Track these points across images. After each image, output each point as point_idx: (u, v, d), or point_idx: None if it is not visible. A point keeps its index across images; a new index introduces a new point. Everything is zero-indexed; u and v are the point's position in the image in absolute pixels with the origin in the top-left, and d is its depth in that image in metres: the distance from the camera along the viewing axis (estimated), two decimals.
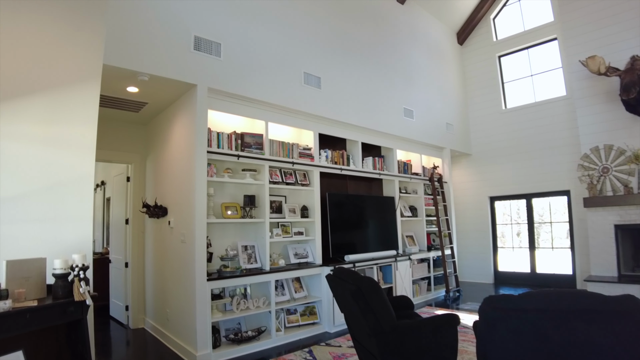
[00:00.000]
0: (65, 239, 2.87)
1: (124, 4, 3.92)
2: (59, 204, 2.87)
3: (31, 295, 2.42)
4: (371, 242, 6.27)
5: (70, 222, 2.91)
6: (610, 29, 6.78)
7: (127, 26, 3.92)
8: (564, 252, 7.82)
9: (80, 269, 2.48)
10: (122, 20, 3.89)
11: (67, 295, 2.44)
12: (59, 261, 2.46)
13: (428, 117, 7.88)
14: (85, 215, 2.99)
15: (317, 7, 5.98)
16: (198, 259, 4.17)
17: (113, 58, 3.76)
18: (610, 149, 6.56)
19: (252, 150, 4.81)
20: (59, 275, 2.45)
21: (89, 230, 3.01)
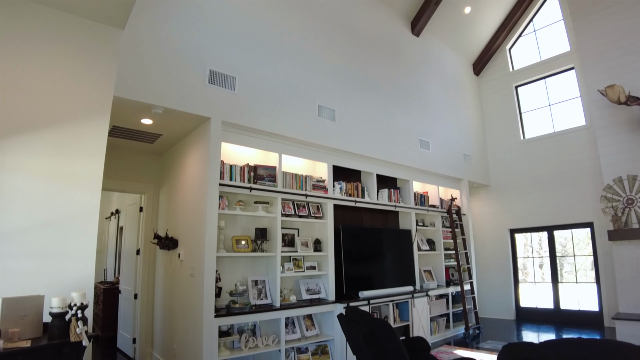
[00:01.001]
0: (67, 275, 2.79)
1: (140, 38, 3.97)
2: (61, 239, 2.81)
3: (26, 335, 2.32)
4: (387, 277, 6.07)
5: (73, 258, 2.84)
6: (628, 58, 6.68)
7: (143, 60, 3.95)
8: (589, 286, 7.46)
9: (79, 308, 2.37)
10: (138, 54, 3.93)
11: (63, 335, 2.33)
12: (56, 299, 2.37)
13: (445, 148, 7.75)
14: (88, 251, 2.91)
15: (331, 40, 6.01)
16: (206, 294, 4.04)
17: (127, 91, 3.78)
18: (635, 180, 6.34)
19: (264, 183, 4.74)
20: (55, 314, 2.35)
21: (92, 266, 2.93)
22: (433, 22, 7.90)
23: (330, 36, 6.01)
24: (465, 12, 8.24)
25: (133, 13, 3.87)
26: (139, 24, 3.98)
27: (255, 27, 5.00)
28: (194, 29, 4.40)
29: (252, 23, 4.98)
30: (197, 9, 4.47)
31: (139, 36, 3.96)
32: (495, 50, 9.22)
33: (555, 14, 8.53)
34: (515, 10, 8.75)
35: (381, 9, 7.14)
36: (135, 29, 3.94)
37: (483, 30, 8.87)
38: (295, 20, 5.57)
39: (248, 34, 4.89)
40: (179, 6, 4.32)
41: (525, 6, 8.71)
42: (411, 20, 7.72)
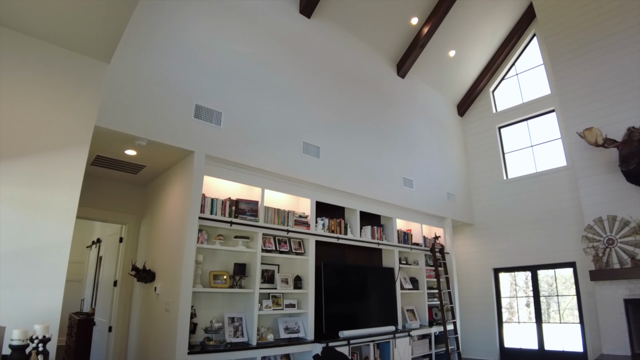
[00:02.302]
0: (34, 307, 2.71)
1: (128, 71, 4.04)
2: (31, 269, 2.75)
3: None
4: (369, 316, 5.98)
5: (41, 290, 2.77)
6: (604, 102, 6.92)
7: (129, 92, 4.00)
8: (573, 327, 7.40)
9: (40, 341, 2.31)
10: (124, 86, 3.98)
11: None
12: (17, 332, 2.29)
13: (429, 186, 7.83)
14: (57, 283, 2.85)
15: (318, 78, 6.15)
16: (180, 330, 3.94)
17: (112, 122, 3.82)
18: (614, 220, 6.44)
19: (246, 217, 4.72)
20: (15, 346, 2.27)
21: (59, 298, 2.86)
22: (418, 65, 8.14)
23: (317, 74, 6.15)
24: (449, 55, 8.51)
25: (122, 46, 3.95)
26: (127, 57, 4.05)
27: (243, 63, 5.12)
28: (182, 64, 4.48)
29: (240, 59, 5.10)
30: (186, 45, 4.58)
31: (126, 69, 4.03)
32: (479, 92, 9.48)
33: (536, 59, 8.84)
34: (498, 54, 9.06)
35: (368, 51, 7.35)
36: (123, 62, 4.00)
37: (467, 73, 9.14)
38: (284, 58, 5.71)
39: (236, 70, 5.00)
40: (168, 41, 4.42)
41: (507, 50, 9.03)
42: (397, 62, 7.96)
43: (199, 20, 4.79)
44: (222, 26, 5.03)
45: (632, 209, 6.31)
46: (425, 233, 7.66)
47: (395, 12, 7.22)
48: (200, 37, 4.74)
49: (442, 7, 7.43)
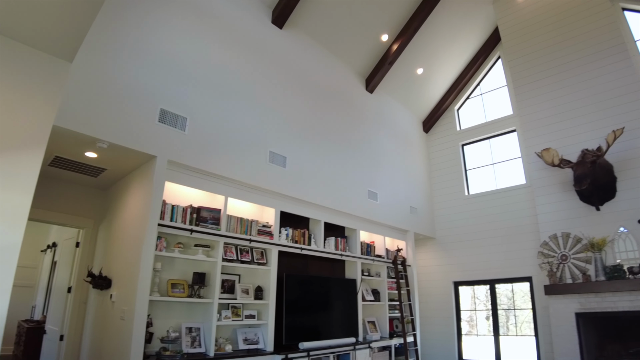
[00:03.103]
0: None
1: (92, 71, 3.96)
2: None
3: None
4: (329, 328, 5.99)
5: None
6: (562, 124, 7.24)
7: (92, 93, 3.91)
8: (529, 339, 7.63)
9: None
10: (87, 86, 3.89)
11: None
12: None
13: (392, 199, 7.95)
14: (3, 288, 2.73)
15: (287, 90, 6.19)
16: (135, 339, 3.83)
17: (73, 123, 3.72)
18: (568, 237, 6.71)
19: (207, 225, 4.66)
20: None
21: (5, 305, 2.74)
22: (387, 81, 8.32)
23: (286, 85, 6.19)
24: (417, 73, 8.73)
25: (87, 46, 3.87)
26: (92, 57, 3.97)
27: (212, 70, 5.10)
28: (149, 67, 4.43)
29: (209, 66, 5.08)
30: (154, 48, 4.52)
31: (90, 69, 3.94)
32: (444, 110, 9.75)
33: (500, 80, 9.18)
34: (464, 74, 9.36)
35: (338, 64, 7.46)
36: (88, 62, 3.92)
37: (433, 91, 9.40)
38: (254, 67, 5.72)
39: (204, 76, 4.97)
40: (136, 44, 4.36)
41: (473, 71, 9.34)
42: (366, 78, 8.11)
43: (169, 25, 4.75)
44: (192, 31, 5.00)
45: (584, 227, 6.61)
46: (388, 245, 7.77)
47: (366, 28, 7.37)
48: (169, 42, 4.70)
49: (412, 25, 7.64)
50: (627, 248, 6.23)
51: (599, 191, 6.50)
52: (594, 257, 6.30)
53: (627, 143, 6.50)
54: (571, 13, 7.62)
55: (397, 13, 7.47)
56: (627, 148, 6.51)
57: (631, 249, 6.18)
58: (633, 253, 6.14)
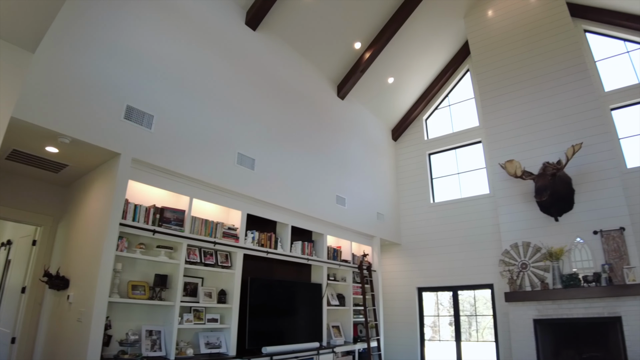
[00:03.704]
0: None
1: (56, 63, 3.82)
2: None
3: None
4: (294, 332, 5.97)
5: None
6: (525, 138, 7.54)
7: (55, 86, 3.78)
8: (489, 345, 7.81)
9: None
10: (51, 78, 3.76)
11: None
12: None
13: (360, 205, 8.03)
14: None
15: (258, 92, 6.18)
16: (92, 342, 3.70)
17: (33, 115, 3.58)
18: (528, 246, 6.96)
19: (171, 226, 4.57)
20: None
21: None
22: (358, 88, 8.41)
23: (257, 87, 6.17)
24: (388, 82, 8.88)
25: (52, 37, 3.74)
26: (57, 49, 3.83)
27: (182, 68, 5.03)
28: (117, 63, 4.31)
29: (180, 64, 5.00)
30: (123, 43, 4.41)
31: (54, 61, 3.80)
32: (413, 119, 9.94)
33: (468, 92, 9.44)
34: (433, 85, 9.58)
35: (311, 69, 7.50)
36: (52, 54, 3.78)
37: (403, 100, 9.57)
38: (225, 67, 5.67)
39: (173, 75, 4.89)
40: (104, 38, 4.24)
41: (442, 82, 9.58)
42: (338, 84, 8.19)
43: (140, 20, 4.65)
44: (164, 28, 4.92)
45: (543, 236, 6.88)
46: (354, 250, 7.82)
47: (340, 35, 7.44)
48: (139, 37, 4.60)
49: (384, 35, 7.76)
50: (582, 258, 6.52)
51: (558, 203, 6.78)
52: (552, 266, 6.55)
53: (585, 157, 6.80)
54: (537, 31, 7.95)
55: (371, 22, 7.58)
56: (585, 162, 6.82)
57: (586, 258, 6.47)
58: (588, 262, 6.44)
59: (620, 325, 5.85)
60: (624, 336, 5.77)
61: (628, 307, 5.86)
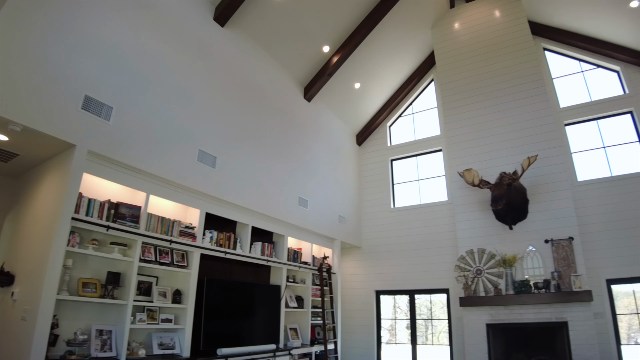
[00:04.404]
0: None
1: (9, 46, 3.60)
2: None
3: None
4: (251, 334, 5.90)
5: None
6: (484, 148, 7.81)
7: (7, 70, 3.56)
8: (444, 348, 7.99)
9: None
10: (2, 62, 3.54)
11: None
12: None
13: (322, 207, 8.05)
14: None
15: (223, 89, 6.09)
16: (37, 341, 3.51)
17: None
18: (483, 253, 7.18)
19: (125, 223, 4.42)
20: None
21: None
22: (325, 91, 8.46)
23: (222, 84, 6.08)
24: (355, 87, 8.97)
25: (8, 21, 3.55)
26: (12, 33, 3.62)
27: (145, 60, 4.88)
28: (77, 51, 4.13)
29: (143, 56, 4.85)
30: (84, 31, 4.23)
31: (8, 45, 3.59)
32: (377, 125, 10.09)
33: (431, 101, 9.66)
34: (398, 93, 9.76)
35: (278, 70, 7.47)
36: (6, 37, 3.58)
37: (369, 106, 9.69)
38: (190, 62, 5.56)
39: (136, 66, 4.74)
40: (64, 24, 4.05)
41: (407, 90, 9.78)
42: (305, 86, 8.20)
43: (103, 8, 4.47)
44: (128, 18, 4.76)
45: (498, 244, 7.14)
46: (314, 252, 7.83)
47: (309, 38, 7.45)
48: (102, 26, 4.43)
49: (353, 40, 7.83)
50: (534, 265, 6.80)
51: (513, 212, 7.04)
52: (505, 272, 6.79)
53: (539, 169, 7.10)
54: (500, 46, 8.28)
55: (340, 26, 7.63)
56: (539, 174, 7.11)
57: (537, 266, 6.76)
58: (539, 270, 6.73)
59: (566, 330, 6.15)
60: (570, 340, 6.08)
61: (574, 313, 6.16)
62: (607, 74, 7.97)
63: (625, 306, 6.74)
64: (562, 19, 8.00)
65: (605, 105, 7.67)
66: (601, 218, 7.02)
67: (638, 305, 6.66)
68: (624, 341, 6.46)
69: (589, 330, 6.02)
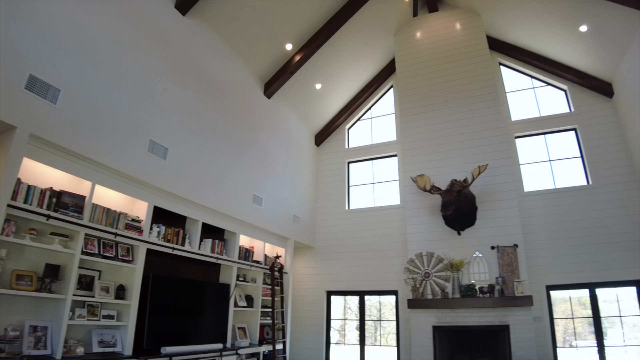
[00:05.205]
0: None
1: None
2: None
3: None
4: (197, 333, 5.73)
5: None
6: (436, 155, 8.07)
7: None
8: (391, 349, 8.11)
9: None
10: None
11: None
12: None
13: (277, 206, 7.98)
14: None
15: (180, 79, 5.89)
16: None
17: None
18: (432, 256, 7.39)
19: (68, 212, 4.17)
20: None
21: None
22: (285, 89, 8.41)
23: (179, 74, 5.88)
24: (316, 87, 8.98)
25: None
26: None
27: (97, 43, 4.62)
28: (23, 26, 3.84)
29: (94, 38, 4.59)
30: (32, 7, 3.95)
31: None
32: (336, 127, 10.15)
33: (390, 107, 9.83)
34: (359, 96, 9.85)
35: (238, 63, 7.34)
36: None
37: (329, 107, 9.73)
38: (146, 49, 5.33)
39: (87, 48, 4.48)
40: None
41: (367, 95, 9.91)
42: (265, 82, 8.11)
43: None
44: None
45: (446, 248, 7.36)
46: (267, 251, 7.74)
47: (273, 34, 7.37)
48: (54, 3, 4.15)
49: (316, 40, 7.83)
50: (480, 270, 7.05)
51: (462, 218, 7.28)
52: (452, 276, 7.00)
53: (489, 178, 7.38)
54: (459, 58, 8.58)
55: (305, 25, 7.61)
56: (488, 183, 7.39)
57: (483, 271, 7.02)
58: (484, 275, 6.99)
59: (508, 333, 6.42)
60: (511, 343, 6.34)
61: (516, 317, 6.45)
62: (555, 92, 8.43)
63: (562, 311, 7.13)
64: (518, 37, 8.39)
65: (552, 121, 8.11)
66: (544, 227, 7.40)
67: (574, 310, 7.08)
68: (559, 344, 6.85)
69: (529, 334, 6.32)
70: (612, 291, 6.94)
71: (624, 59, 7.00)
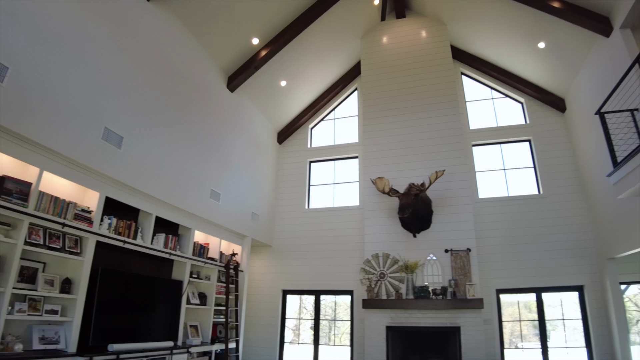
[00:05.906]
0: None
1: None
2: None
3: None
4: (147, 331, 5.52)
5: None
6: (396, 159, 8.22)
7: None
8: (345, 349, 8.15)
9: None
10: None
11: None
12: None
13: (235, 203, 7.83)
14: None
15: (139, 66, 5.66)
16: None
17: None
18: (387, 257, 7.51)
19: (11, 200, 3.90)
20: None
21: None
22: (250, 84, 8.28)
23: (138, 60, 5.65)
24: (281, 84, 8.90)
25: None
26: None
27: (52, 21, 4.32)
28: None
29: (49, 16, 4.29)
30: None
31: None
32: (299, 125, 10.12)
33: (353, 109, 9.91)
34: (323, 96, 9.87)
35: (202, 54, 7.17)
36: None
37: (293, 105, 9.68)
38: (105, 32, 5.07)
39: (41, 26, 4.18)
40: None
41: (332, 96, 9.94)
42: (229, 75, 7.96)
43: None
44: None
45: (402, 250, 7.51)
46: (223, 248, 7.60)
47: (239, 27, 7.23)
48: None
49: (284, 37, 7.77)
50: (433, 272, 7.23)
51: (418, 221, 7.44)
52: (406, 277, 7.14)
53: (445, 184, 7.57)
54: (422, 65, 8.79)
55: (273, 20, 7.53)
56: (445, 188, 7.59)
57: (437, 273, 7.22)
58: (438, 277, 7.18)
59: (459, 334, 6.62)
60: (461, 344, 6.54)
61: (466, 319, 6.66)
62: (513, 104, 8.81)
63: (510, 314, 7.43)
64: (480, 49, 8.69)
65: (508, 132, 8.46)
66: (496, 233, 7.70)
67: (521, 313, 7.39)
68: (506, 345, 7.16)
69: (478, 335, 6.54)
70: (556, 296, 7.32)
71: (577, 76, 7.39)
